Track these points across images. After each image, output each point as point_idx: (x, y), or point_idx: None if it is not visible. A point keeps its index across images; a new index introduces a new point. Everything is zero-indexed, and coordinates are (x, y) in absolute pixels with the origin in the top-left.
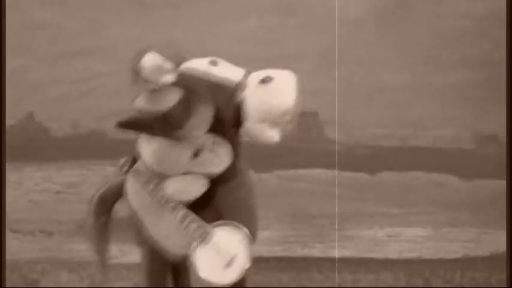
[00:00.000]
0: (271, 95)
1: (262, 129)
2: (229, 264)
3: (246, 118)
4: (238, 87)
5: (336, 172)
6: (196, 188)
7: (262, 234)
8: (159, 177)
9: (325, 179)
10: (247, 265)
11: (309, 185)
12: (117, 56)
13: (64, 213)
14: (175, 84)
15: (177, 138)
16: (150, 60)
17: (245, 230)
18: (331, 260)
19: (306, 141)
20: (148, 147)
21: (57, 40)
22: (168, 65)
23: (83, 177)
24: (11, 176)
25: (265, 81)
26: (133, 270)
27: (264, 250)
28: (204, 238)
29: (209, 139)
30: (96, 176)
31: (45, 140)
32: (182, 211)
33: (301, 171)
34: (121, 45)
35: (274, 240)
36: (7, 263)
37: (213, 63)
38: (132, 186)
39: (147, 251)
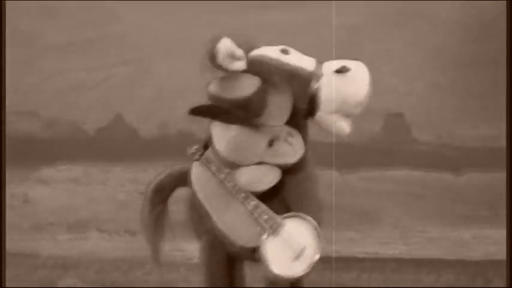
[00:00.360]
0: (348, 86)
1: (335, 120)
2: (298, 256)
3: (320, 108)
4: (313, 76)
5: (420, 174)
6: (270, 178)
7: (344, 235)
8: (230, 166)
9: (412, 180)
10: (316, 258)
11: (394, 186)
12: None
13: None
14: (247, 71)
15: (254, 127)
16: (226, 45)
17: (314, 222)
18: (398, 261)
19: (391, 142)
20: (222, 135)
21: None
22: (240, 51)
23: None
24: (99, 177)
25: (342, 71)
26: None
27: (345, 251)
28: (274, 230)
29: (283, 129)
30: None
31: (134, 141)
32: (253, 201)
33: (387, 172)
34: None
35: (358, 241)
36: (94, 261)
37: (285, 51)
38: (201, 174)
39: (207, 243)
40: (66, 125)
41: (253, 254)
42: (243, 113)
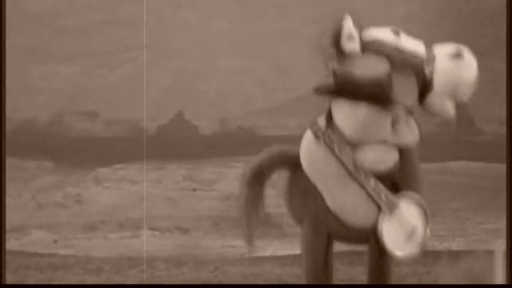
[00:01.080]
0: (462, 70)
1: (445, 102)
2: (409, 237)
3: (433, 90)
4: (426, 60)
5: (481, 164)
6: (393, 157)
7: None
8: (351, 145)
9: (473, 172)
10: (427, 238)
11: (455, 178)
12: None
13: (200, 210)
14: (366, 52)
15: (385, 106)
16: (349, 26)
17: (423, 202)
18: (471, 253)
19: (453, 133)
20: (349, 115)
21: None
22: (356, 33)
23: (221, 175)
24: (150, 174)
25: (456, 56)
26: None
27: None
28: (391, 210)
29: (403, 110)
30: (234, 174)
31: (194, 138)
32: (373, 181)
33: (447, 164)
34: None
35: None
36: (144, 258)
37: (396, 32)
38: (315, 154)
39: (310, 225)
40: (126, 124)
41: (362, 235)
42: (378, 91)
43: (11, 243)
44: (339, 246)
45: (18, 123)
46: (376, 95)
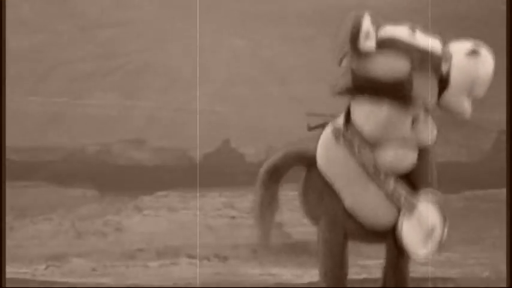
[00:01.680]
0: (479, 68)
1: (462, 101)
2: (428, 236)
3: (450, 88)
4: (443, 58)
5: None
6: (412, 156)
7: (442, 255)
8: (370, 145)
9: None
10: (445, 237)
11: (497, 205)
12: None
13: (239, 238)
14: (385, 50)
15: (405, 106)
16: (367, 24)
17: (441, 201)
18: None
19: (502, 160)
20: (370, 114)
21: None
22: (373, 31)
23: None
24: (191, 202)
25: (474, 53)
26: None
27: (440, 272)
28: (410, 209)
29: (422, 109)
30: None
31: (239, 166)
32: (393, 180)
33: (490, 191)
34: None
35: (453, 262)
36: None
37: (413, 29)
38: (333, 153)
39: (327, 224)
40: (173, 152)
41: (380, 234)
42: (399, 90)
43: (51, 271)
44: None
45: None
46: (398, 94)
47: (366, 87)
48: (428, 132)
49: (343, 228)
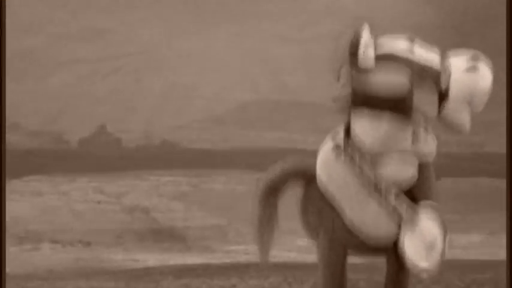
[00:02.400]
0: (477, 83)
1: (461, 115)
2: (431, 247)
3: (448, 101)
4: (442, 72)
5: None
6: (413, 170)
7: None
8: (371, 156)
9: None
10: (446, 249)
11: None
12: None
13: (104, 223)
14: (384, 62)
15: (405, 118)
16: (366, 37)
17: (440, 213)
18: None
19: None
20: (371, 128)
21: None
22: (372, 44)
23: (133, 188)
24: (61, 187)
25: (473, 68)
26: None
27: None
28: (413, 221)
29: (421, 122)
30: (148, 186)
31: (115, 151)
32: (395, 193)
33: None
34: None
35: None
36: (42, 273)
37: (411, 40)
38: (333, 168)
39: (326, 240)
40: (48, 136)
41: (380, 248)
42: (399, 103)
43: None
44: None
45: None
46: (398, 108)
47: (365, 100)
48: (428, 145)
49: (343, 245)
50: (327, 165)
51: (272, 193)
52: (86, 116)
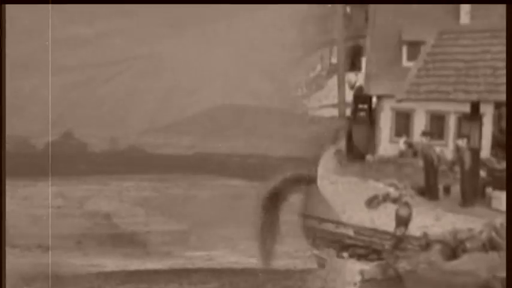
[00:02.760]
0: None
1: None
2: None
3: None
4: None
5: None
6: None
7: None
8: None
9: None
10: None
11: None
12: None
13: (63, 228)
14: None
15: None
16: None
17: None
18: None
19: None
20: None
21: None
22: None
23: (97, 192)
24: (19, 190)
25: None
26: None
27: None
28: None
29: None
30: (111, 191)
31: (81, 155)
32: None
33: None
34: None
35: None
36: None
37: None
38: (337, 174)
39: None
40: (14, 139)
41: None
42: None
43: None
44: None
45: None
46: None
47: None
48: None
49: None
50: (328, 170)
51: (274, 201)
52: (53, 121)
